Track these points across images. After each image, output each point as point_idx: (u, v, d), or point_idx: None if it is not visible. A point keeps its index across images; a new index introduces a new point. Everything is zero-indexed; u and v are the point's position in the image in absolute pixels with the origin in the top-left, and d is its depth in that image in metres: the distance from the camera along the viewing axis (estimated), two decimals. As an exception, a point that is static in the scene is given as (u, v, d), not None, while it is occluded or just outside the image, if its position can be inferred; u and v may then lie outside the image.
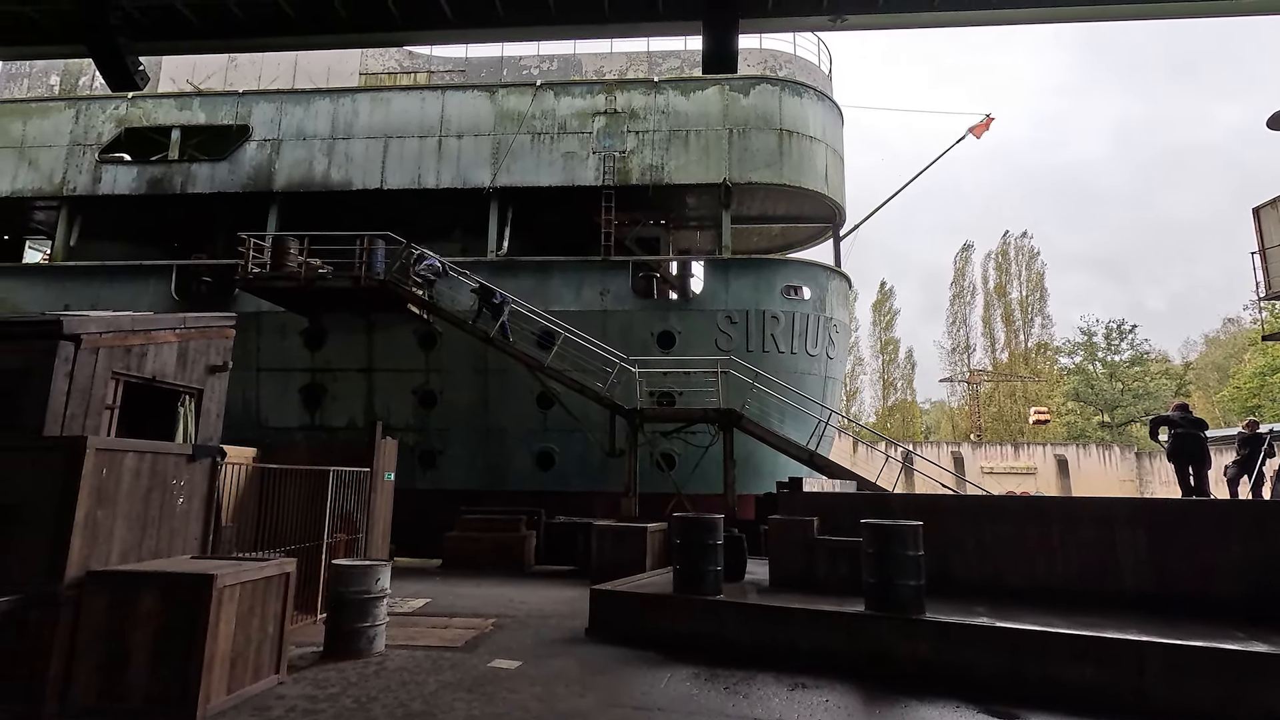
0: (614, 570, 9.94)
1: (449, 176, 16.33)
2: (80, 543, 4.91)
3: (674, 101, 16.46)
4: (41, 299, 16.12)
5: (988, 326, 54.69)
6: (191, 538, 6.04)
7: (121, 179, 16.99)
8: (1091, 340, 52.04)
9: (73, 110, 17.67)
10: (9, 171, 17.32)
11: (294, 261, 13.87)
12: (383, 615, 6.70)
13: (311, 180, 16.58)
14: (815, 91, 17.23)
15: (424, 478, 15.41)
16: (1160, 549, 6.95)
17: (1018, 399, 50.59)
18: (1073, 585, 7.20)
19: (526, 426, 15.46)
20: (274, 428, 15.70)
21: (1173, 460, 10.05)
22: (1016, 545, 7.56)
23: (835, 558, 7.94)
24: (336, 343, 15.72)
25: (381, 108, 16.92)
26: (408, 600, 9.36)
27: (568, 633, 7.58)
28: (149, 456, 5.57)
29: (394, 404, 15.65)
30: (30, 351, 6.33)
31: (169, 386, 7.76)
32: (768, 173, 16.05)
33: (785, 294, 15.63)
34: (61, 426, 6.19)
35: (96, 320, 6.84)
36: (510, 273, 15.48)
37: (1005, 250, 55.38)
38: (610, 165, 16.07)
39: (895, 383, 58.26)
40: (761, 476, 14.74)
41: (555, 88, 16.84)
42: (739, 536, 9.02)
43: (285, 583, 5.73)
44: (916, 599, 6.19)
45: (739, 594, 7.64)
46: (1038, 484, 35.47)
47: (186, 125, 17.29)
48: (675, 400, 14.39)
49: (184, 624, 4.83)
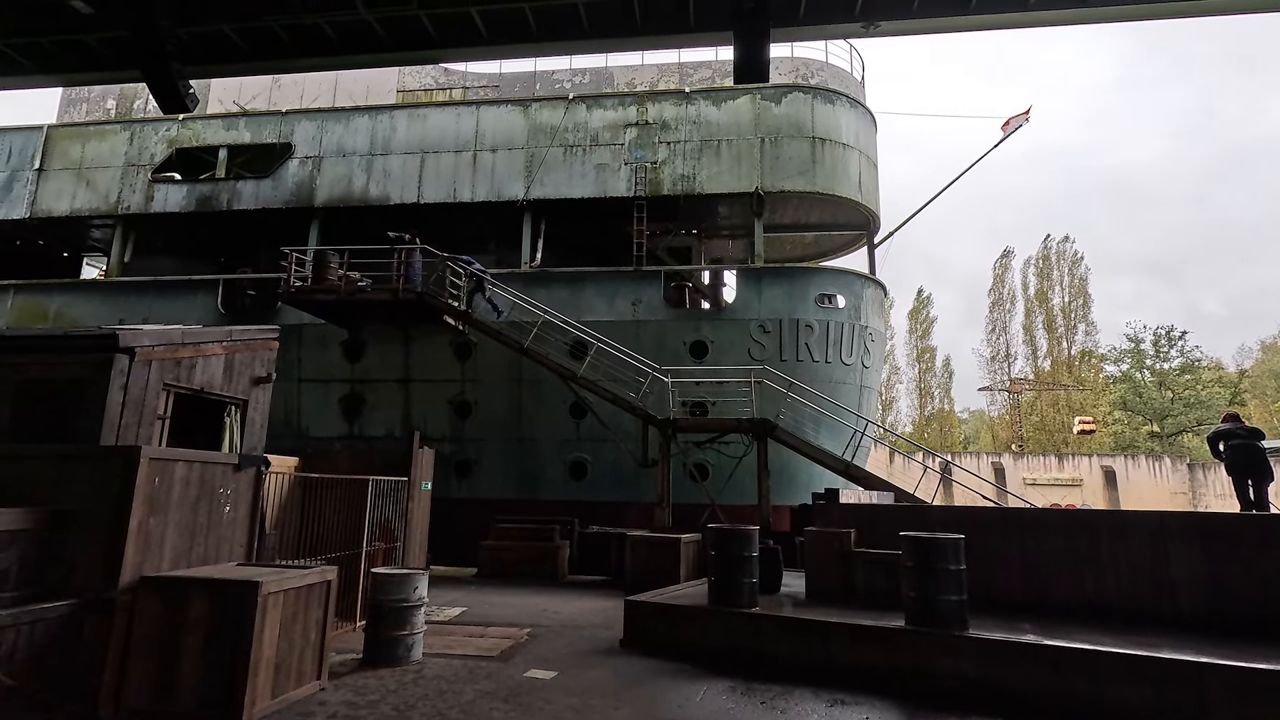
0: (648, 581, 9.92)
1: (483, 190, 16.60)
2: (134, 549, 5.08)
3: (705, 111, 16.49)
4: (97, 313, 16.83)
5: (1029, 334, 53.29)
6: (237, 545, 6.21)
7: (172, 197, 17.67)
8: (1139, 347, 50.32)
9: (128, 133, 18.45)
10: (69, 192, 18.15)
11: (334, 275, 14.22)
12: (420, 624, 6.78)
13: (351, 195, 17.02)
14: (847, 98, 17.10)
15: (459, 487, 15.59)
16: (1217, 566, 6.66)
17: (1061, 408, 49.07)
18: (1124, 603, 6.94)
19: (560, 436, 15.55)
20: (315, 437, 16.06)
21: (1231, 474, 9.65)
22: (1063, 560, 7.32)
23: (873, 571, 7.79)
24: (375, 354, 16.05)
25: (418, 124, 17.30)
26: (444, 609, 9.45)
27: (602, 643, 7.57)
28: (198, 466, 5.75)
29: (430, 414, 15.89)
30: (88, 364, 6.60)
31: (216, 397, 8.01)
32: (800, 180, 15.95)
33: (819, 302, 15.48)
34: (117, 436, 6.44)
35: (149, 333, 7.11)
36: (543, 284, 15.64)
37: (1046, 255, 53.99)
38: (642, 176, 16.16)
39: (932, 391, 57.11)
40: (796, 487, 14.56)
41: (587, 100, 17.02)
42: (775, 548, 8.92)
43: (327, 590, 5.85)
44: (959, 614, 6.03)
45: (775, 607, 7.54)
46: (1084, 496, 34.31)
47: (233, 144, 17.91)
48: (708, 410, 14.33)
49: (231, 629, 4.95)
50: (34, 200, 18.15)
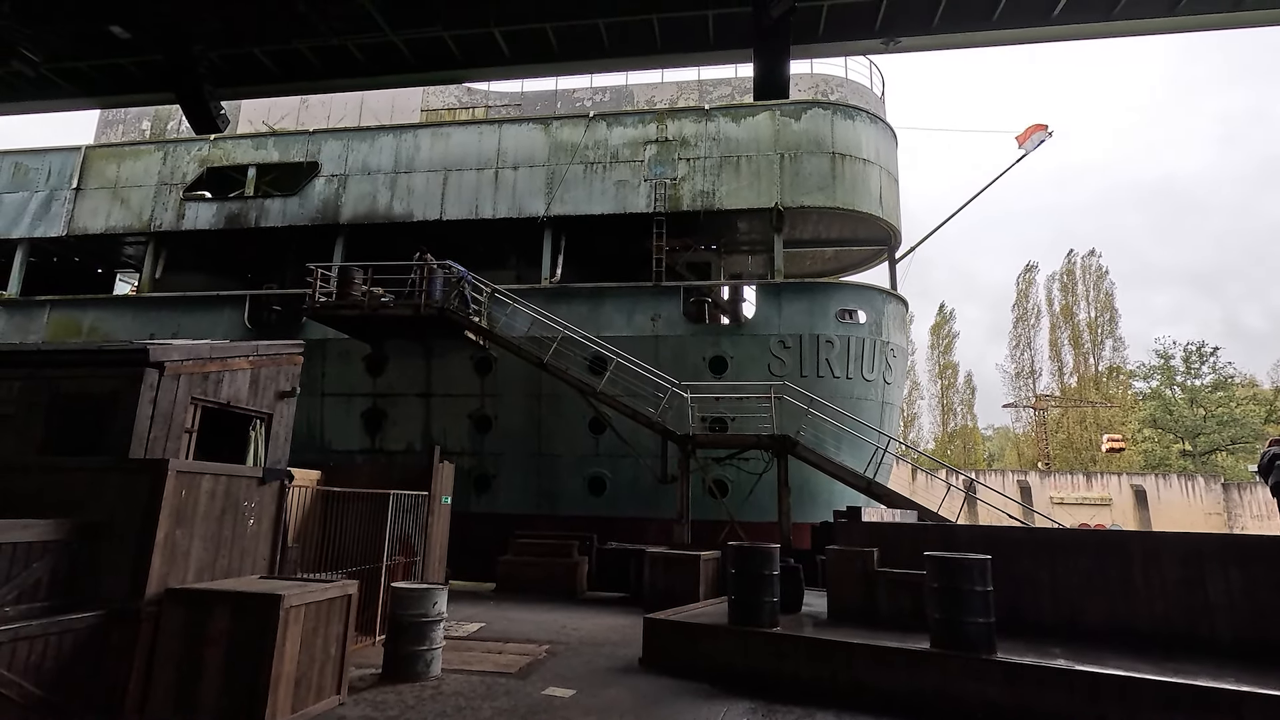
0: (667, 598, 9.83)
1: (505, 206, 16.79)
2: (160, 561, 5.15)
3: (725, 128, 16.57)
4: (129, 328, 17.23)
5: (1055, 349, 52.43)
6: (260, 558, 6.27)
7: (203, 215, 18.10)
8: (1169, 364, 49.23)
9: (161, 153, 18.97)
10: (104, 210, 18.67)
11: (358, 290, 14.43)
12: (439, 639, 6.77)
13: (375, 212, 17.30)
14: (867, 114, 17.08)
15: (478, 501, 15.63)
16: (1257, 590, 6.44)
17: (1088, 425, 48.11)
18: (1159, 627, 6.73)
19: (578, 451, 15.54)
20: (337, 450, 16.23)
21: (1277, 495, 9.41)
22: (1095, 583, 7.13)
23: (897, 591, 7.65)
24: (396, 369, 16.21)
25: (441, 142, 17.58)
26: (463, 624, 9.44)
27: (620, 661, 7.50)
28: (223, 479, 5.83)
29: (450, 428, 15.99)
30: (119, 378, 6.75)
31: (242, 411, 8.13)
32: (820, 196, 15.92)
33: (840, 318, 15.37)
34: (145, 449, 6.55)
35: (179, 348, 7.25)
36: (563, 299, 15.73)
37: (1071, 270, 53.23)
38: (661, 192, 16.24)
39: (955, 408, 56.31)
40: (817, 505, 14.39)
41: (607, 118, 17.18)
42: (796, 567, 8.80)
43: (347, 604, 5.87)
44: (986, 637, 5.88)
45: (796, 626, 7.42)
46: (1113, 516, 33.49)
47: (261, 163, 18.33)
48: (728, 426, 14.24)
49: (253, 642, 4.99)
50: (71, 218, 18.69)
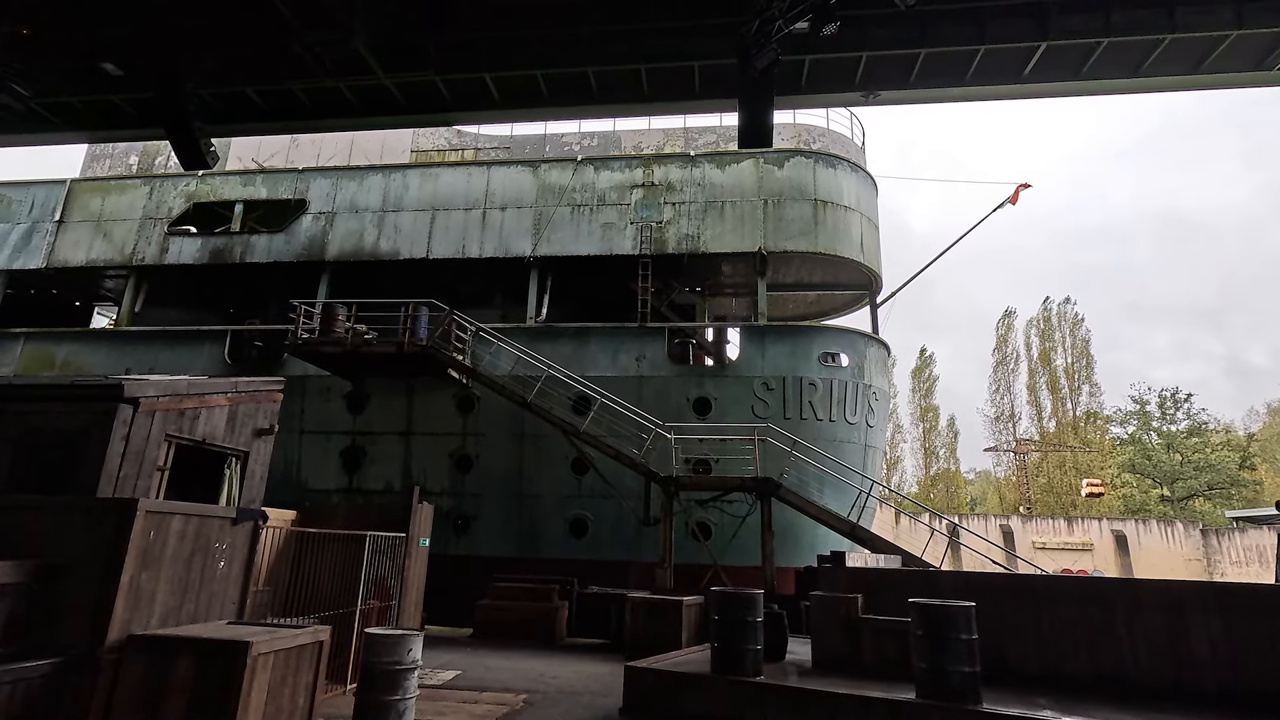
0: (648, 645, 9.62)
1: (492, 246, 16.90)
2: (123, 605, 4.96)
3: (710, 174, 16.93)
4: (105, 362, 16.92)
5: (1033, 394, 53.13)
6: (229, 601, 6.06)
7: (187, 249, 18.00)
8: (1144, 409, 50.03)
9: (147, 187, 18.96)
10: (85, 243, 18.52)
11: (341, 327, 14.34)
12: (413, 688, 6.53)
13: (361, 250, 17.33)
14: (848, 163, 17.56)
15: (457, 544, 15.30)
16: (1242, 640, 6.43)
17: (1068, 470, 48.47)
18: (1144, 677, 6.68)
19: (561, 493, 15.35)
20: (313, 489, 15.89)
21: None
22: (1079, 631, 7.08)
23: (882, 639, 7.54)
24: (377, 406, 16.02)
25: (430, 182, 17.76)
26: (437, 672, 9.14)
27: (600, 711, 7.28)
28: (195, 519, 5.67)
29: (430, 467, 15.74)
30: (91, 413, 6.60)
31: (217, 449, 7.96)
32: (802, 241, 16.22)
33: (823, 361, 15.50)
34: (115, 487, 6.37)
35: (155, 384, 7.13)
36: (548, 339, 15.73)
37: (1047, 316, 54.30)
38: (647, 235, 16.46)
39: (937, 451, 56.52)
40: (801, 549, 14.26)
41: (595, 162, 17.50)
42: (780, 613, 8.68)
43: (318, 651, 5.67)
44: (972, 687, 5.79)
45: (780, 675, 7.27)
46: (1094, 561, 33.50)
47: (249, 200, 18.36)
48: (711, 468, 14.18)
49: (217, 692, 4.78)
50: (51, 251, 18.50)
